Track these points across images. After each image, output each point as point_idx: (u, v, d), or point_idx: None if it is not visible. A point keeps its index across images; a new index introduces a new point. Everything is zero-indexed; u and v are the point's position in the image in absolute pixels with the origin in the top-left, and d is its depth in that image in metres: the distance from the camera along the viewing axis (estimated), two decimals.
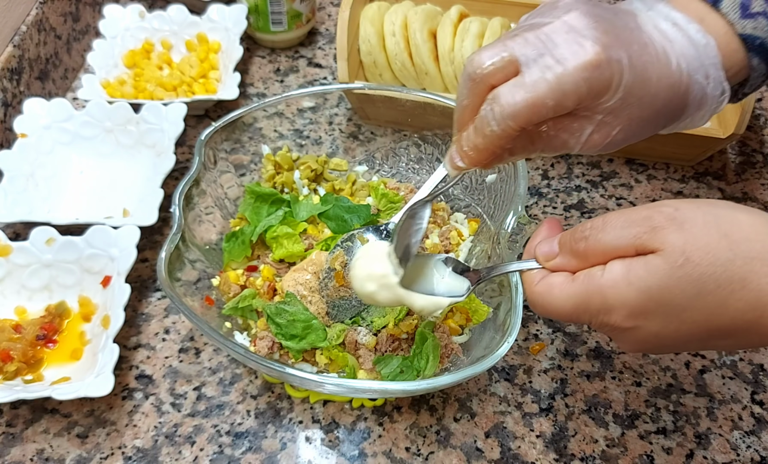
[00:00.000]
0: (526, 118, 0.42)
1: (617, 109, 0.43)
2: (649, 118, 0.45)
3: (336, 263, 0.60)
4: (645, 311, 0.38)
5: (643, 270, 0.37)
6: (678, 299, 0.37)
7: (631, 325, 0.39)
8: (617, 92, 0.42)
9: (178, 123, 0.74)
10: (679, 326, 0.38)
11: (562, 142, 0.45)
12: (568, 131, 0.44)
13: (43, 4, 0.83)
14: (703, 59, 0.46)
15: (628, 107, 0.43)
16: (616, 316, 0.39)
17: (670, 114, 0.46)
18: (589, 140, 0.44)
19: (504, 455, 0.57)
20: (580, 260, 0.41)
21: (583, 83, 0.41)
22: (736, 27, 0.48)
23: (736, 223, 0.37)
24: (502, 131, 0.43)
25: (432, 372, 0.55)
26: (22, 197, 0.70)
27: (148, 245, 0.71)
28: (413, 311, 0.52)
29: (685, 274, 0.36)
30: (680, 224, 0.37)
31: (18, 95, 0.78)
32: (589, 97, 0.42)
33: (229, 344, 0.52)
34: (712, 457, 0.57)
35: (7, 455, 0.56)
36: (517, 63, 0.42)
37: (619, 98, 0.43)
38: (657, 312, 0.38)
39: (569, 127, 0.44)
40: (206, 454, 0.56)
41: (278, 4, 0.89)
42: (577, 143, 0.45)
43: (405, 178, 0.74)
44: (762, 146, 0.83)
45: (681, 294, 0.37)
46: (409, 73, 0.80)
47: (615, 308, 0.39)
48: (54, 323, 0.63)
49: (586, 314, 0.40)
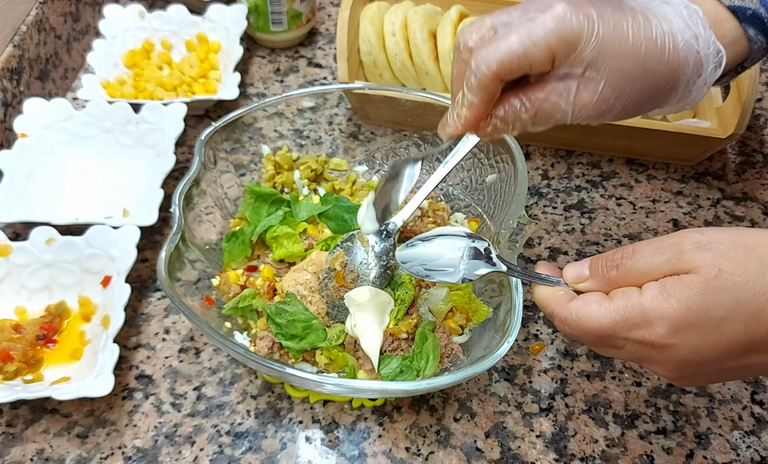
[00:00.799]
0: (500, 66, 0.44)
1: (596, 62, 0.44)
2: (636, 73, 0.46)
3: (336, 263, 0.60)
4: (685, 322, 0.38)
5: (679, 285, 0.39)
6: (716, 309, 0.38)
7: (671, 341, 0.39)
8: (590, 42, 0.44)
9: (178, 123, 0.74)
10: (718, 338, 0.39)
11: (552, 105, 0.46)
12: (555, 91, 0.45)
13: (43, 4, 0.83)
14: (689, 21, 0.47)
15: (606, 59, 0.44)
16: (657, 329, 0.39)
17: (663, 75, 0.47)
18: (579, 99, 0.45)
19: (504, 455, 0.57)
20: (611, 286, 0.42)
21: (551, 34, 0.43)
22: (723, 1, 0.49)
23: (762, 241, 0.38)
24: (479, 81, 0.45)
25: (432, 372, 0.55)
26: (22, 197, 0.70)
27: (148, 245, 0.71)
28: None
29: (720, 283, 0.38)
30: (707, 246, 0.39)
31: (18, 95, 0.78)
32: (561, 47, 0.44)
33: (229, 344, 0.52)
34: (712, 457, 0.57)
35: (7, 455, 0.56)
36: (495, 28, 0.46)
37: (593, 48, 0.44)
38: (696, 324, 0.38)
39: (555, 87, 0.45)
40: (206, 454, 0.56)
41: (278, 4, 0.89)
42: (567, 104, 0.46)
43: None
44: (762, 146, 0.83)
45: (718, 304, 0.38)
46: (409, 73, 0.80)
47: (655, 322, 0.39)
48: (54, 323, 0.63)
49: (624, 330, 0.40)
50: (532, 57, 0.44)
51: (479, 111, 0.47)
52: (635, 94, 0.47)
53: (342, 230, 0.65)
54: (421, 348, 0.56)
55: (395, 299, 0.59)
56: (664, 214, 0.75)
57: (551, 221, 0.74)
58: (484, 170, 0.68)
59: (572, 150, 0.81)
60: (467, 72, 0.46)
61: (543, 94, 0.46)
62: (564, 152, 0.81)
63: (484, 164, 0.68)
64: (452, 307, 0.60)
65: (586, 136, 0.78)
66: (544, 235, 0.73)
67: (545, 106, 0.46)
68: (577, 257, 0.71)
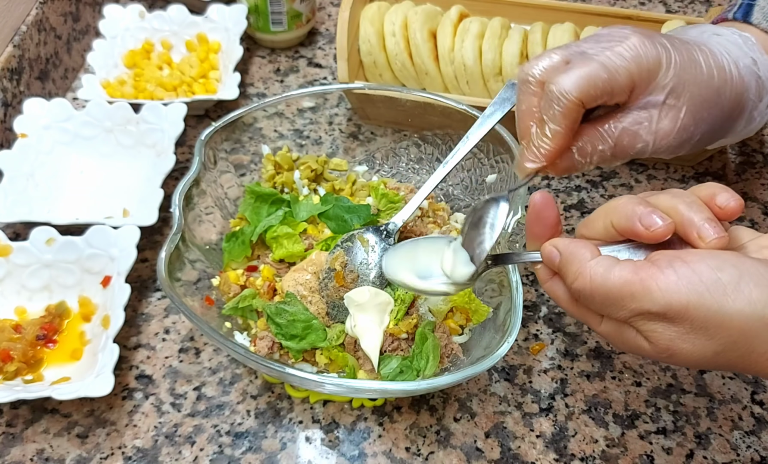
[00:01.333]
0: (583, 92, 0.43)
1: (677, 89, 0.45)
2: (712, 100, 0.46)
3: (336, 263, 0.60)
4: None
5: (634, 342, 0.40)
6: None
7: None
8: (669, 68, 0.44)
9: (178, 123, 0.74)
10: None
11: (633, 135, 0.46)
12: (636, 121, 0.45)
13: (43, 4, 0.83)
14: (745, 48, 0.48)
15: (686, 86, 0.45)
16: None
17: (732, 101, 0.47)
18: (660, 128, 0.45)
19: (504, 455, 0.57)
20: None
21: (632, 61, 0.43)
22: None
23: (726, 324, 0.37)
24: (564, 107, 0.44)
25: (432, 372, 0.55)
26: (22, 197, 0.70)
27: (148, 245, 0.71)
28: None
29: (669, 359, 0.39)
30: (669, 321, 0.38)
31: (18, 95, 0.78)
32: (642, 75, 0.44)
33: (229, 344, 0.52)
34: (712, 457, 0.57)
35: (7, 455, 0.56)
36: (567, 59, 0.45)
37: (673, 74, 0.44)
38: None
39: (636, 117, 0.45)
40: (206, 454, 0.56)
41: (278, 4, 0.89)
42: (649, 134, 0.45)
43: (405, 178, 0.74)
44: (762, 146, 0.83)
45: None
46: (409, 73, 0.80)
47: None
48: (54, 323, 0.63)
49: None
50: (614, 83, 0.43)
51: (563, 140, 0.45)
52: (711, 121, 0.47)
53: (342, 230, 0.65)
54: (421, 347, 0.56)
55: (395, 299, 0.59)
56: None
57: None
58: (484, 170, 0.68)
59: None
60: (545, 101, 0.45)
61: (623, 125, 0.45)
62: None
63: (484, 164, 0.68)
64: (452, 307, 0.60)
65: None
66: None
67: (625, 137, 0.46)
68: None
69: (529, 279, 0.69)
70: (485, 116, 0.62)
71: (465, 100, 0.70)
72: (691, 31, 0.51)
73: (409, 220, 0.63)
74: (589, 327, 0.42)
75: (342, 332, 0.58)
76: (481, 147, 0.67)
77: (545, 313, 0.66)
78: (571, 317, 0.42)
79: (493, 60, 0.76)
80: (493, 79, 0.77)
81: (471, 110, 0.66)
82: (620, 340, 0.41)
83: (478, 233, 0.47)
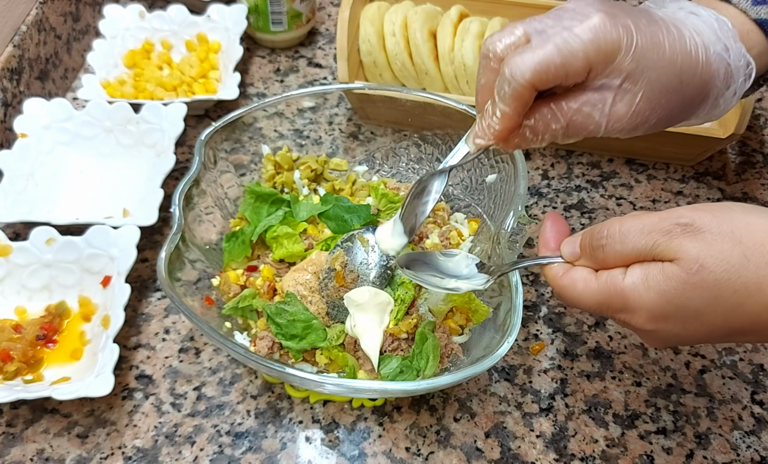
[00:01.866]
0: (536, 75, 0.43)
1: (634, 74, 0.44)
2: (672, 86, 0.45)
3: (336, 263, 0.60)
4: (664, 314, 0.40)
5: (661, 276, 0.39)
6: (695, 303, 0.39)
7: (651, 328, 0.41)
8: (629, 52, 0.43)
9: (178, 123, 0.74)
10: (698, 327, 0.40)
11: (586, 116, 0.45)
12: (590, 103, 0.45)
13: (43, 4, 0.83)
14: (719, 33, 0.47)
15: (645, 71, 0.44)
16: (638, 318, 0.41)
17: (696, 88, 0.46)
18: (614, 112, 0.45)
19: (504, 455, 0.57)
20: (599, 265, 0.43)
21: (590, 44, 0.42)
22: (749, 14, 0.49)
23: (751, 228, 0.38)
24: (513, 90, 0.43)
25: (432, 372, 0.55)
26: (22, 197, 0.70)
27: (148, 245, 0.71)
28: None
29: (700, 280, 0.38)
30: (694, 233, 0.39)
31: (18, 95, 0.78)
32: (599, 58, 0.43)
33: (229, 344, 0.52)
34: (712, 457, 0.57)
35: (7, 455, 0.56)
36: (528, 36, 0.44)
37: (632, 59, 0.43)
38: (676, 315, 0.40)
39: (590, 99, 0.45)
40: (206, 454, 0.56)
41: (278, 4, 0.89)
42: (602, 116, 0.45)
43: (405, 178, 0.74)
44: (762, 146, 0.83)
45: (698, 299, 0.39)
46: (409, 73, 0.80)
47: (636, 311, 0.41)
48: (54, 323, 0.63)
49: (608, 312, 0.42)
50: (569, 67, 0.43)
51: (511, 121, 0.45)
52: (669, 107, 0.46)
53: (342, 230, 0.65)
54: (421, 348, 0.56)
55: (395, 299, 0.59)
56: None
57: None
58: (484, 170, 0.68)
59: (572, 150, 0.82)
60: (498, 80, 0.44)
61: (576, 105, 0.45)
62: (564, 152, 0.81)
63: (484, 164, 0.68)
64: (452, 307, 0.60)
65: None
66: None
67: (578, 117, 0.45)
68: None
69: (529, 279, 0.69)
70: None
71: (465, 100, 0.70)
72: (670, 6, 0.49)
73: None
74: (611, 301, 0.42)
75: (342, 332, 0.58)
76: None
77: (545, 313, 0.66)
78: (591, 307, 0.42)
79: None
80: None
81: (471, 110, 0.66)
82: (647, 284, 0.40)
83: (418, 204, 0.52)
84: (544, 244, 0.47)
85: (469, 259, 0.52)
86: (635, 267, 0.41)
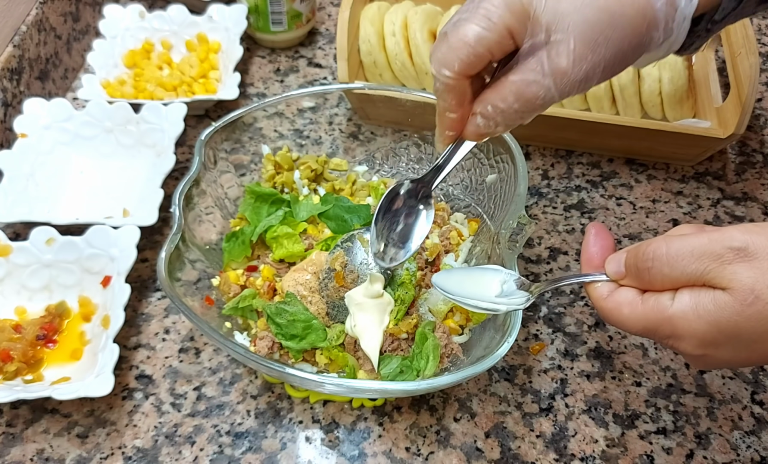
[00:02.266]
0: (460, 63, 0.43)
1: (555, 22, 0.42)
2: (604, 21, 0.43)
3: (336, 263, 0.60)
4: (714, 342, 0.39)
5: (713, 305, 0.38)
6: (748, 334, 0.38)
7: (700, 353, 0.40)
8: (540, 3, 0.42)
9: (178, 123, 0.74)
10: (749, 355, 0.39)
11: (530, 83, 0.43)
12: (528, 68, 0.43)
13: (43, 4, 0.83)
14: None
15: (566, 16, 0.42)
16: (686, 345, 0.40)
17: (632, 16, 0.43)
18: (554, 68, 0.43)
19: (504, 455, 0.57)
20: (645, 286, 0.42)
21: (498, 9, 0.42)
22: None
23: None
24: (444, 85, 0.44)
25: (432, 372, 0.55)
26: (22, 197, 0.70)
27: (148, 245, 0.71)
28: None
29: (755, 312, 0.37)
30: (748, 259, 0.37)
31: (18, 95, 0.78)
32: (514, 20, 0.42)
33: (229, 344, 0.52)
34: (712, 457, 0.57)
35: (7, 455, 0.56)
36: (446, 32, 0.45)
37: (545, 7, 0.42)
38: (727, 344, 0.39)
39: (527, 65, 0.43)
40: (206, 454, 0.56)
41: (278, 4, 0.89)
42: (545, 76, 0.43)
43: (405, 178, 0.74)
44: (762, 146, 0.83)
45: (751, 330, 0.37)
46: (409, 73, 0.80)
47: (684, 338, 0.40)
48: (54, 323, 0.63)
49: (655, 337, 0.42)
50: (487, 41, 0.42)
51: (457, 114, 0.46)
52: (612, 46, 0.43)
53: (342, 230, 0.65)
54: (421, 348, 0.56)
55: (395, 299, 0.59)
56: (664, 214, 0.75)
57: (551, 221, 0.74)
58: (484, 170, 0.68)
59: (572, 150, 0.82)
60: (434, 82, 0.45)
61: (517, 77, 0.44)
62: (564, 152, 0.81)
63: (484, 164, 0.68)
64: (452, 307, 0.60)
65: (586, 136, 0.78)
66: (544, 235, 0.73)
67: (522, 88, 0.44)
68: (577, 257, 0.71)
69: (529, 279, 0.69)
70: None
71: None
72: None
73: None
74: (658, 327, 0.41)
75: (342, 332, 0.58)
76: (481, 147, 0.67)
77: (545, 313, 0.66)
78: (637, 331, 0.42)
79: None
80: None
81: None
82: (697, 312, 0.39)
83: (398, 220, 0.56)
84: (588, 260, 0.45)
85: (508, 275, 0.51)
86: (684, 293, 0.39)
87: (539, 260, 0.71)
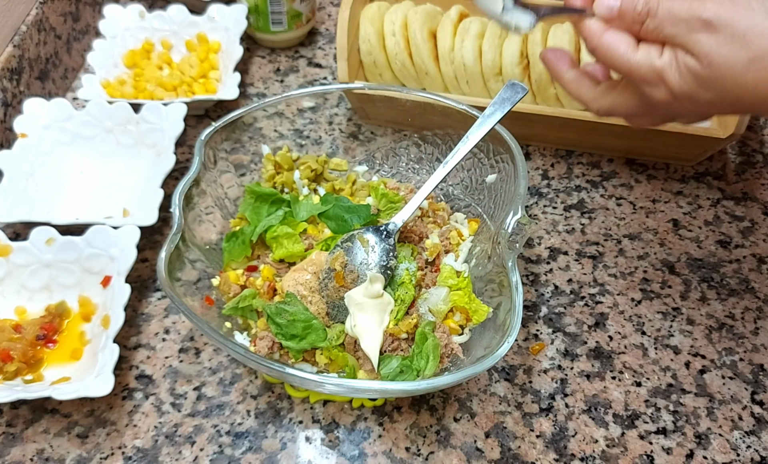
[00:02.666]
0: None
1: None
2: None
3: (336, 263, 0.60)
4: (679, 96, 0.46)
5: (684, 65, 0.45)
6: (704, 94, 0.45)
7: (666, 101, 0.47)
8: None
9: (178, 123, 0.74)
10: (707, 110, 0.48)
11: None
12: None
13: (43, 4, 0.83)
14: None
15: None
16: (660, 92, 0.47)
17: None
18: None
19: (504, 455, 0.57)
20: (633, 33, 0.47)
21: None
22: None
23: (764, 34, 0.42)
24: None
25: (432, 372, 0.55)
26: (22, 197, 0.70)
27: (148, 245, 0.71)
28: None
29: (708, 77, 0.44)
30: (711, 31, 0.43)
31: (18, 95, 0.78)
32: None
33: (229, 344, 0.52)
34: (712, 457, 0.57)
35: (7, 455, 0.56)
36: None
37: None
38: (689, 98, 0.46)
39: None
40: (206, 454, 0.56)
41: (278, 4, 0.89)
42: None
43: (405, 178, 0.74)
44: (762, 146, 0.83)
45: (706, 91, 0.45)
46: (409, 73, 0.80)
47: (661, 86, 0.46)
48: (54, 323, 0.63)
49: (637, 78, 0.47)
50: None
51: None
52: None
53: (342, 230, 0.65)
54: (421, 347, 0.56)
55: (395, 299, 0.59)
56: (664, 214, 0.75)
57: (551, 221, 0.74)
58: (484, 170, 0.68)
59: (572, 150, 0.82)
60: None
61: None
62: (564, 152, 0.81)
63: (484, 164, 0.68)
64: (452, 307, 0.60)
65: (586, 136, 0.78)
66: (544, 235, 0.73)
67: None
68: (577, 257, 0.71)
69: (529, 279, 0.69)
70: (485, 116, 0.62)
71: (465, 100, 0.70)
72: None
73: (409, 220, 0.63)
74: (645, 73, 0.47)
75: (342, 332, 0.58)
76: (481, 147, 0.67)
77: (545, 313, 0.66)
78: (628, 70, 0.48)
79: (493, 60, 0.76)
80: (493, 79, 0.77)
81: (471, 110, 0.66)
82: (671, 67, 0.45)
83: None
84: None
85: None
86: (668, 52, 0.45)
87: (539, 260, 0.71)
